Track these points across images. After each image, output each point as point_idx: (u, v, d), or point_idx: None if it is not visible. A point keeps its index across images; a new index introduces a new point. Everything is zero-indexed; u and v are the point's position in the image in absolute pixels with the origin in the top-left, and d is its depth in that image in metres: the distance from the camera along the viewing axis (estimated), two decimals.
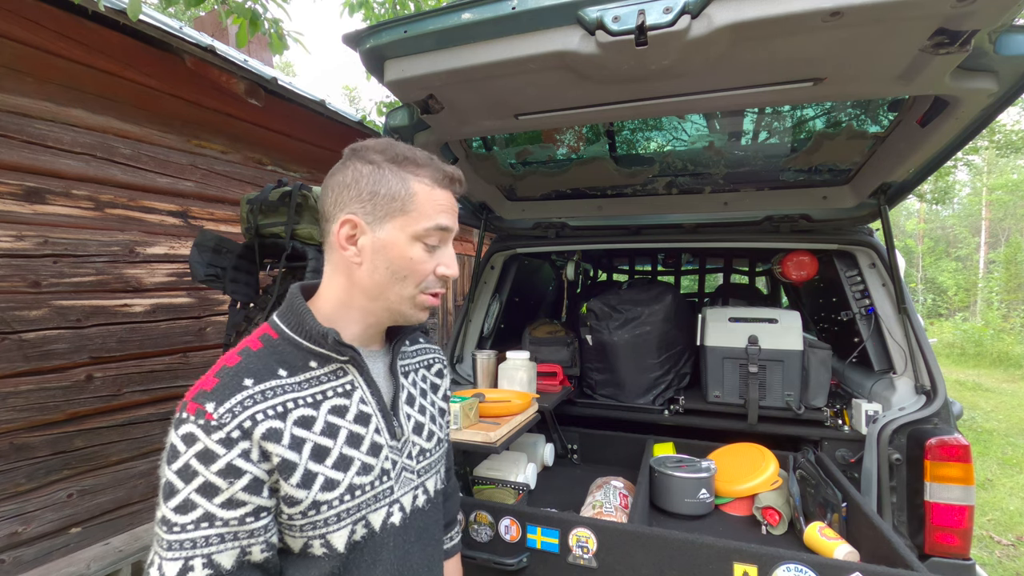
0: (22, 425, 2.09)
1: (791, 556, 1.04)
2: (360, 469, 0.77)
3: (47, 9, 2.13)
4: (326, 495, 0.73)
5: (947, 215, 25.88)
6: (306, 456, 0.71)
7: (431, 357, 1.02)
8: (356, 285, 0.79)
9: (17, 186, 2.08)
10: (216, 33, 4.05)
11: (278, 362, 0.75)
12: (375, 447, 0.79)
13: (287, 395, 0.73)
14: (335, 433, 0.75)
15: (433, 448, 0.91)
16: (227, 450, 0.66)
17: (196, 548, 0.65)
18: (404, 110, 1.46)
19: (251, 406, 0.68)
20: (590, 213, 2.18)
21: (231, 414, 0.67)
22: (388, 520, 0.80)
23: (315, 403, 0.75)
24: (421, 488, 0.87)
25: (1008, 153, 11.65)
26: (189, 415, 0.66)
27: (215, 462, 0.65)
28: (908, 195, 1.77)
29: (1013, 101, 1.17)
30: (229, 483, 0.66)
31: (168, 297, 2.65)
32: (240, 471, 0.66)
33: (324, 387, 0.77)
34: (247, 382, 0.70)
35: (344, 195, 0.77)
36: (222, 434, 0.66)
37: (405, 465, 0.84)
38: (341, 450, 0.75)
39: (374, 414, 0.81)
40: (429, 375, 0.99)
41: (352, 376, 0.80)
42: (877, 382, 1.85)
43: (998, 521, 3.69)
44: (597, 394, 2.24)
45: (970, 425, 6.08)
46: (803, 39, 0.98)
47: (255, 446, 0.68)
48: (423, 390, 0.95)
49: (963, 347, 11.45)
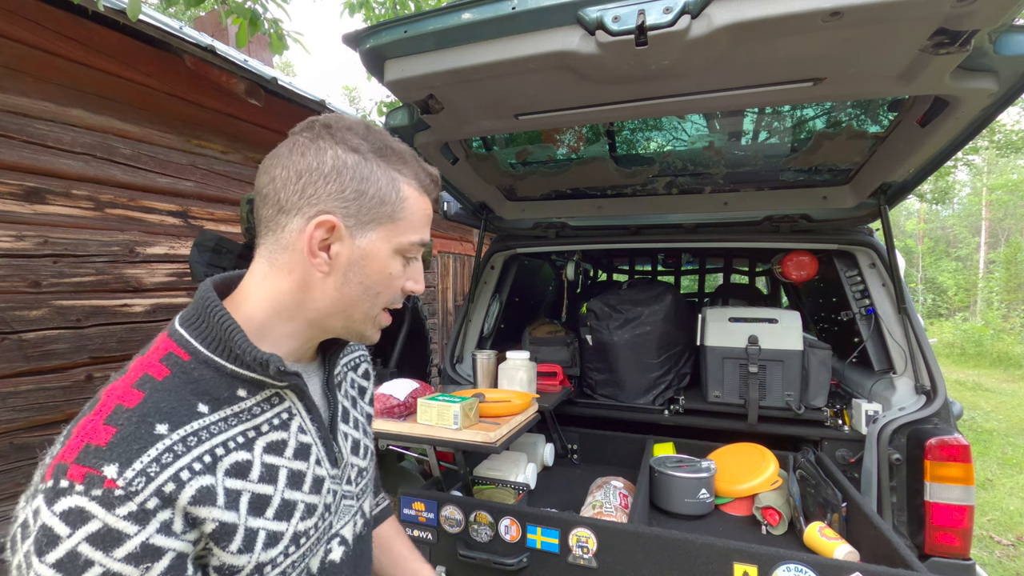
0: (22, 425, 2.09)
1: (791, 556, 1.04)
2: (304, 512, 0.63)
3: (47, 9, 2.14)
4: (269, 553, 0.59)
5: (947, 215, 25.89)
6: (244, 512, 0.57)
7: (356, 356, 0.88)
8: (311, 296, 0.63)
9: (17, 186, 2.08)
10: (216, 33, 4.05)
11: (195, 394, 0.57)
12: (317, 482, 0.66)
13: (213, 439, 0.56)
14: (274, 477, 0.61)
15: (368, 466, 0.81)
16: (141, 527, 0.48)
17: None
18: (404, 110, 1.46)
19: (171, 462, 0.52)
20: (590, 213, 2.18)
21: (144, 477, 0.49)
22: (327, 558, 0.68)
23: (247, 442, 0.59)
24: (359, 513, 0.76)
25: (1008, 153, 11.65)
26: (74, 483, 0.47)
27: (121, 545, 0.47)
28: (908, 195, 1.77)
29: (1013, 101, 1.17)
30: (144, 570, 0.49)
31: (168, 297, 2.65)
32: (159, 551, 0.49)
33: (257, 421, 0.61)
34: (160, 429, 0.52)
35: (320, 187, 0.60)
36: (132, 506, 0.48)
37: (345, 493, 0.72)
38: (283, 495, 0.61)
39: (314, 443, 0.67)
40: (357, 378, 0.86)
41: (289, 403, 0.65)
42: (877, 382, 1.85)
43: (998, 521, 3.69)
44: (597, 394, 2.24)
45: (970, 425, 6.08)
46: (803, 39, 0.98)
47: (179, 514, 0.52)
48: (353, 398, 0.82)
49: (963, 347, 11.45)
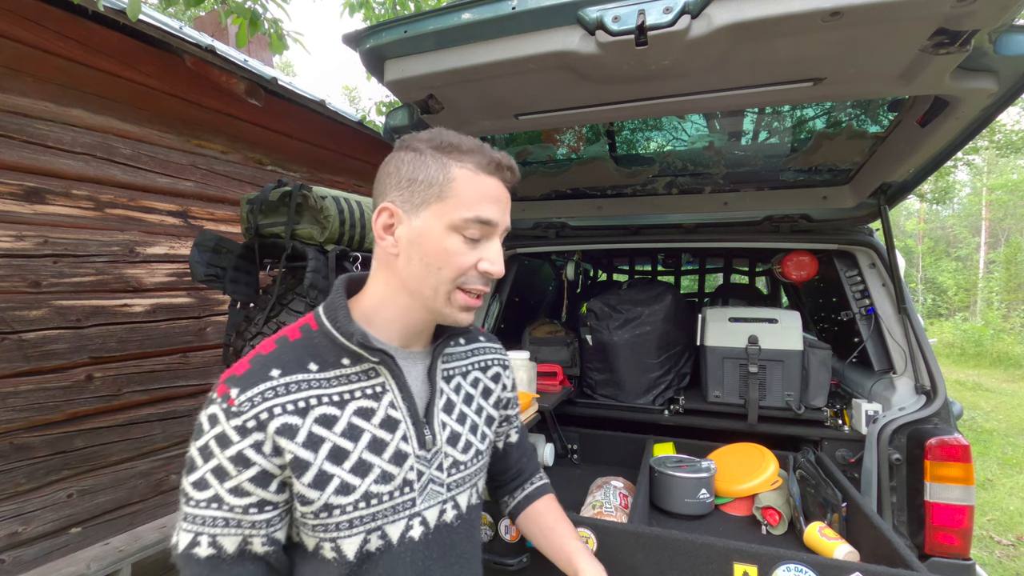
0: (22, 425, 2.09)
1: (791, 556, 1.04)
2: (379, 477, 0.72)
3: (47, 9, 2.13)
4: (340, 499, 0.69)
5: (947, 215, 25.88)
6: (322, 456, 0.69)
7: (488, 358, 0.95)
8: (396, 278, 0.75)
9: (17, 186, 2.08)
10: (216, 33, 4.05)
11: (311, 355, 0.73)
12: (399, 455, 0.75)
13: (312, 391, 0.70)
14: (357, 436, 0.72)
15: (469, 461, 0.85)
16: (241, 439, 0.65)
17: (204, 526, 0.66)
18: (404, 110, 1.46)
19: (271, 398, 0.67)
20: (590, 213, 2.18)
21: (250, 403, 0.66)
22: (407, 534, 0.75)
23: (341, 402, 0.72)
24: (451, 503, 0.81)
25: (1008, 153, 11.64)
26: (217, 396, 0.67)
27: (229, 448, 0.65)
28: (908, 195, 1.77)
29: (1013, 101, 1.17)
30: (238, 471, 0.65)
31: (168, 297, 2.65)
32: (249, 462, 0.66)
33: (353, 387, 0.74)
34: (274, 372, 0.69)
35: (385, 183, 0.74)
36: (239, 422, 0.66)
37: (433, 477, 0.79)
38: (361, 455, 0.72)
39: (403, 420, 0.76)
40: (483, 378, 0.92)
41: (384, 378, 0.76)
42: (877, 382, 1.85)
43: (998, 521, 3.69)
44: (597, 394, 2.24)
45: (970, 425, 6.08)
46: (803, 39, 0.98)
47: (269, 439, 0.66)
48: (468, 395, 0.88)
49: (963, 347, 11.45)
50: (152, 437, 2.56)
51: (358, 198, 1.83)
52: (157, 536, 2.27)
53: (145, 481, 2.52)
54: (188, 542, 0.66)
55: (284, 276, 1.68)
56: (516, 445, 1.07)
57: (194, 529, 0.66)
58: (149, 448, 2.55)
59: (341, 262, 1.69)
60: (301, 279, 1.61)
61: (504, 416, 1.03)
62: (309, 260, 1.58)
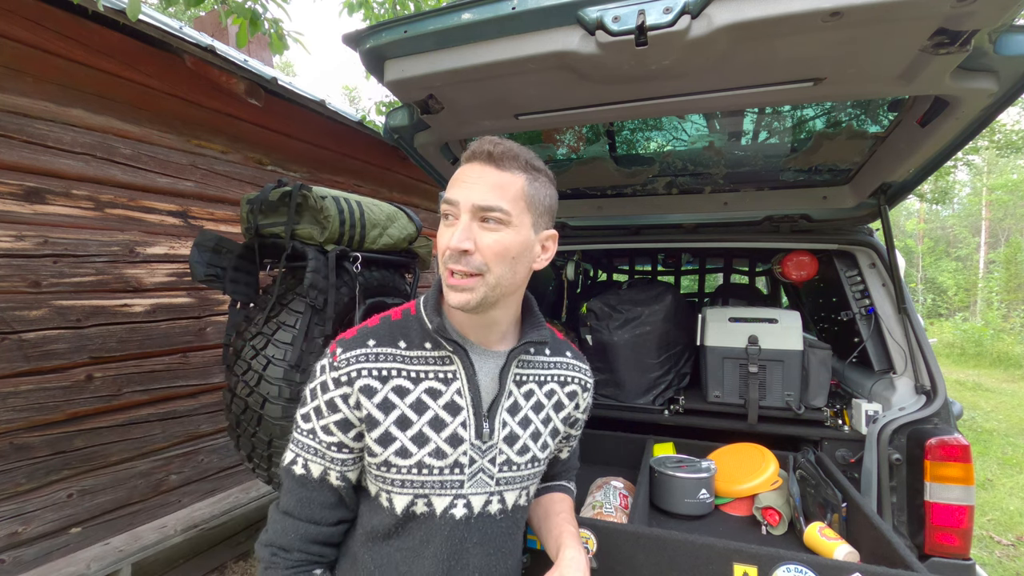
0: (22, 425, 2.09)
1: (791, 556, 1.04)
2: (433, 452, 0.82)
3: (47, 9, 2.13)
4: (398, 460, 0.81)
5: (947, 215, 25.88)
6: (391, 420, 0.81)
7: (570, 375, 0.99)
8: None
9: (17, 186, 2.08)
10: (216, 33, 4.05)
11: (403, 335, 0.86)
12: (455, 438, 0.83)
13: (396, 364, 0.83)
14: (422, 410, 0.82)
15: (523, 464, 0.90)
16: (336, 388, 0.81)
17: (302, 451, 0.84)
18: (404, 110, 1.46)
19: (363, 361, 0.81)
20: (590, 213, 2.18)
21: (347, 362, 0.81)
22: (450, 510, 0.83)
23: (416, 379, 0.83)
24: (497, 496, 0.87)
25: (1008, 153, 11.64)
26: (329, 352, 0.84)
27: (327, 393, 0.82)
28: (908, 195, 1.77)
29: (1013, 101, 1.17)
30: (329, 413, 0.81)
31: (168, 297, 2.65)
32: (337, 408, 0.81)
33: (429, 368, 0.84)
34: (370, 342, 0.84)
35: None
36: (336, 375, 0.81)
37: (484, 467, 0.85)
38: (422, 428, 0.82)
39: (466, 408, 0.84)
40: (559, 391, 0.96)
41: (456, 367, 0.85)
42: (877, 382, 1.85)
43: (998, 521, 3.69)
44: (597, 394, 2.23)
45: (970, 425, 6.08)
46: (803, 39, 0.98)
47: (354, 394, 0.80)
48: (539, 404, 0.93)
49: (963, 347, 11.45)
50: (152, 437, 2.56)
51: (358, 198, 1.83)
52: (157, 536, 2.27)
53: (145, 481, 2.52)
54: (290, 460, 0.84)
55: (284, 276, 1.67)
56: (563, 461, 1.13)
57: (295, 451, 0.84)
58: (149, 448, 2.55)
59: (341, 262, 1.69)
60: (301, 279, 1.61)
61: (568, 434, 1.07)
62: (309, 260, 1.58)
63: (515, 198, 0.79)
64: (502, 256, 0.78)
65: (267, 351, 1.56)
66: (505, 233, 0.78)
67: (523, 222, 0.80)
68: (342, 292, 1.69)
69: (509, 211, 0.78)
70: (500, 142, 0.80)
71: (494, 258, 0.78)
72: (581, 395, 1.00)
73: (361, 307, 1.76)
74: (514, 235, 0.79)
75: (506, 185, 0.79)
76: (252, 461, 1.71)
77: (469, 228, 0.77)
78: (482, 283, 0.78)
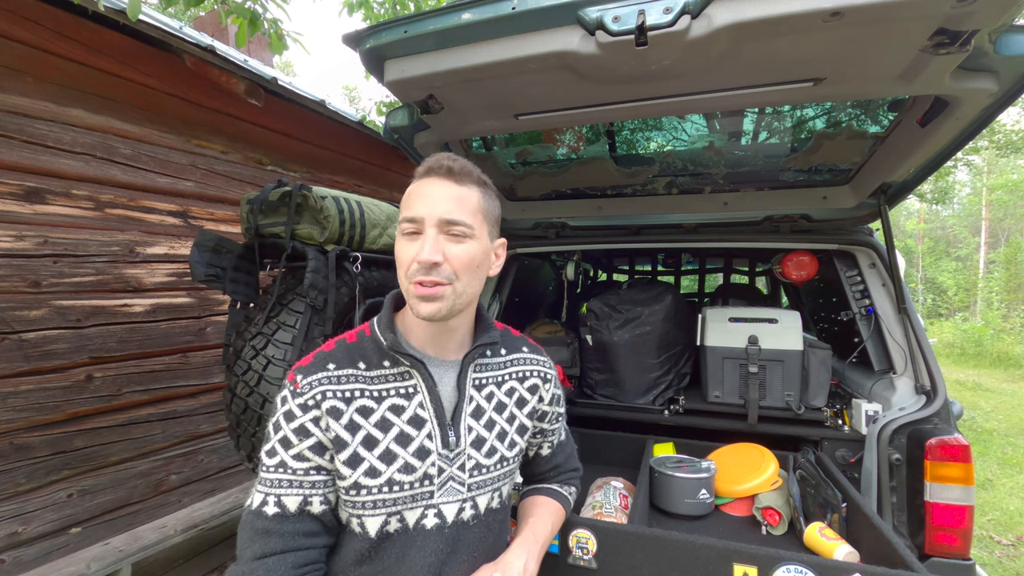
0: (22, 425, 2.09)
1: (791, 557, 1.04)
2: (402, 467, 0.82)
3: (47, 9, 2.13)
4: (367, 480, 0.80)
5: (947, 215, 25.88)
6: (358, 440, 0.81)
7: (528, 369, 1.01)
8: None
9: (17, 186, 2.08)
10: (216, 33, 4.05)
11: (361, 356, 0.86)
12: (422, 451, 0.84)
13: (358, 384, 0.83)
14: (387, 428, 0.83)
15: (493, 465, 0.91)
16: (304, 414, 0.80)
17: (272, 488, 0.80)
18: (404, 110, 1.46)
19: (326, 384, 0.81)
20: (590, 213, 2.18)
21: (309, 386, 0.81)
22: (421, 522, 0.83)
23: (378, 398, 0.84)
24: (470, 502, 0.88)
25: (1008, 153, 11.65)
26: (287, 382, 0.83)
27: (292, 421, 0.80)
28: (908, 195, 1.77)
29: (1013, 101, 1.17)
30: (299, 440, 0.80)
31: (168, 297, 2.65)
32: (308, 432, 0.80)
33: (389, 385, 0.85)
34: (330, 366, 0.84)
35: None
36: (301, 400, 0.80)
37: (454, 475, 0.86)
38: (388, 445, 0.82)
39: (430, 420, 0.85)
40: (519, 388, 0.98)
41: (416, 381, 0.86)
42: (877, 382, 1.85)
43: (998, 521, 3.69)
44: (597, 394, 2.24)
45: (970, 425, 6.08)
46: (803, 39, 0.98)
47: (323, 416, 0.80)
48: (500, 404, 0.94)
49: (963, 347, 11.44)
50: (152, 437, 2.56)
51: (358, 198, 1.83)
52: (157, 536, 2.27)
53: (145, 481, 2.52)
54: (259, 502, 0.79)
55: (284, 276, 1.67)
56: (547, 459, 1.12)
57: (264, 491, 0.80)
58: (149, 448, 2.55)
59: (341, 262, 1.69)
60: (301, 279, 1.60)
61: (539, 428, 1.06)
62: (309, 260, 1.58)
63: (474, 211, 0.84)
64: (469, 265, 0.83)
65: (267, 351, 1.56)
66: (470, 244, 0.83)
67: (482, 233, 0.86)
68: (342, 292, 1.69)
69: (471, 224, 0.83)
70: (457, 158, 0.85)
71: (462, 268, 0.82)
72: (543, 387, 1.02)
73: (361, 307, 1.76)
74: (477, 245, 0.84)
75: (465, 198, 0.84)
76: (252, 461, 1.71)
77: (437, 241, 0.81)
78: (451, 291, 0.82)
